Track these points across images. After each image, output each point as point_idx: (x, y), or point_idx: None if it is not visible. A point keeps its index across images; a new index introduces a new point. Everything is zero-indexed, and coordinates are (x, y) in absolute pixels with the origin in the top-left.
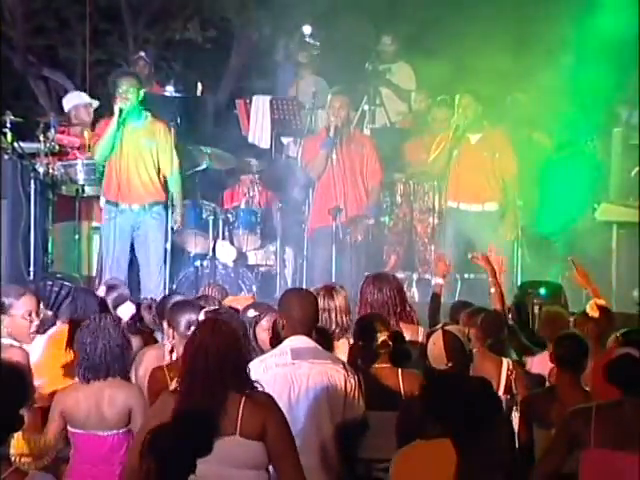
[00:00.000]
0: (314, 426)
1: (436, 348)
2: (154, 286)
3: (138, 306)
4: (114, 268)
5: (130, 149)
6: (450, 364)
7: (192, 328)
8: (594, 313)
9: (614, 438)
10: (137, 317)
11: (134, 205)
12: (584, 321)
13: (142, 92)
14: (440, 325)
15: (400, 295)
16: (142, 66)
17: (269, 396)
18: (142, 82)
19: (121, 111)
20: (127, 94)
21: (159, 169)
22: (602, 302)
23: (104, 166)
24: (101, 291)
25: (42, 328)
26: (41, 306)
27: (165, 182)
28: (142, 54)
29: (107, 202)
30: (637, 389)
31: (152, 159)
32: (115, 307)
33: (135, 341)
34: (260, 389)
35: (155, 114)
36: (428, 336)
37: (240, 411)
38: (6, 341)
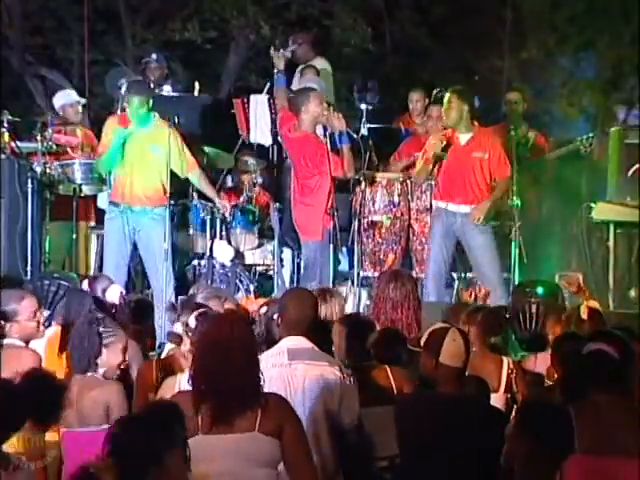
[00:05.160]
0: (310, 427)
1: (457, 345)
2: (162, 284)
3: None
4: (116, 268)
5: (136, 154)
6: (464, 363)
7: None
8: (584, 316)
9: (597, 442)
10: (127, 301)
11: (136, 206)
12: (578, 322)
13: (151, 100)
14: (439, 325)
15: (417, 292)
16: (153, 69)
17: (283, 398)
18: (151, 89)
19: (124, 140)
20: (138, 111)
21: (166, 173)
22: (595, 304)
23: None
24: (85, 285)
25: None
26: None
27: (165, 187)
28: (154, 56)
29: (110, 203)
30: (609, 385)
31: (158, 165)
32: (103, 293)
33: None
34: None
35: (160, 114)
36: (432, 334)
37: (259, 408)
38: (10, 341)
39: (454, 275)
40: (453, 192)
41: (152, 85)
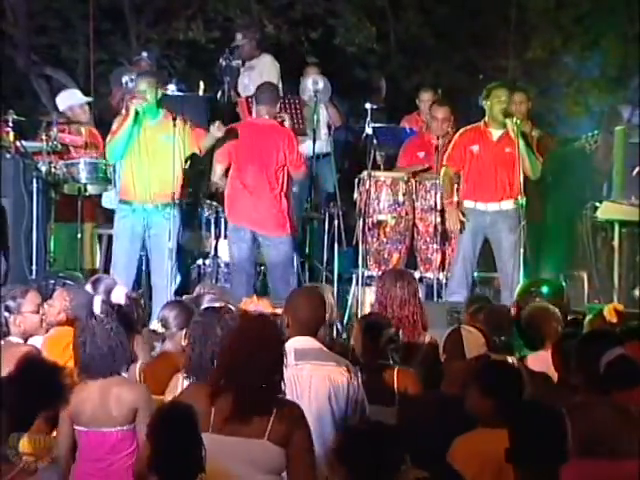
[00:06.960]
0: (317, 428)
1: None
2: (166, 285)
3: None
4: (126, 267)
5: (148, 148)
6: (444, 356)
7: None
8: (612, 318)
9: (593, 445)
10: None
11: (147, 204)
12: (599, 323)
13: (160, 91)
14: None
15: (418, 290)
16: (144, 67)
17: (299, 407)
18: (159, 80)
19: (137, 113)
20: (145, 94)
21: (176, 166)
22: (620, 307)
23: (108, 165)
24: (88, 287)
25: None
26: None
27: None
28: (144, 55)
29: (121, 201)
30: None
31: (171, 156)
32: (108, 296)
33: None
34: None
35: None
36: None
37: (274, 412)
38: (11, 338)
39: (474, 274)
40: (482, 190)
41: None
